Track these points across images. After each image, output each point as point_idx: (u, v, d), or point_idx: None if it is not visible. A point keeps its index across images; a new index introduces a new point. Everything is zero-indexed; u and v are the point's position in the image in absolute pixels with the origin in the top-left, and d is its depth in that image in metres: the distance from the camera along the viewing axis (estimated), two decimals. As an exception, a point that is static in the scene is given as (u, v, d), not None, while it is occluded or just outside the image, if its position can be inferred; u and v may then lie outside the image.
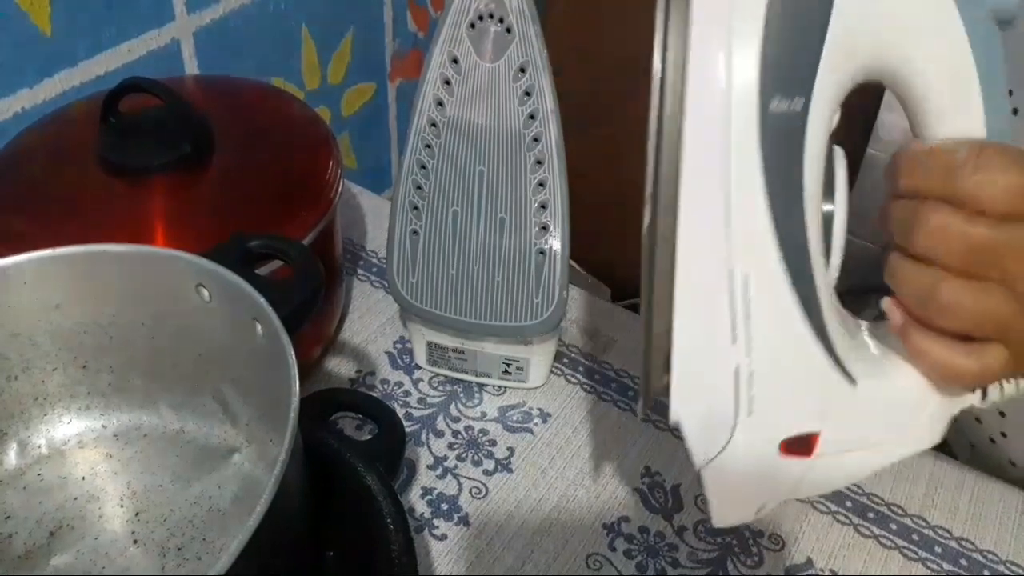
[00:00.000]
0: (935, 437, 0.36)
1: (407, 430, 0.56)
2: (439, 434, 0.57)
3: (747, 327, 0.32)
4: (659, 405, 0.59)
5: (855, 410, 0.35)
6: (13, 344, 0.43)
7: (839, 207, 0.33)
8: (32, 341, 0.43)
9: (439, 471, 0.55)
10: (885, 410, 0.35)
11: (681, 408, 0.34)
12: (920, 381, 0.35)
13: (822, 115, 0.30)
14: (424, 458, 0.56)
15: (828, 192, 0.32)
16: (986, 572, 0.51)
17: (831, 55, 0.29)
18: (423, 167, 0.52)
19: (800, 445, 0.34)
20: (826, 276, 0.33)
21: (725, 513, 0.38)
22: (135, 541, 0.43)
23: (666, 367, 0.34)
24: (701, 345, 0.33)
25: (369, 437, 0.52)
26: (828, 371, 0.33)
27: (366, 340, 0.63)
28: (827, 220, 0.33)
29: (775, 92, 0.29)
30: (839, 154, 0.33)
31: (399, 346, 0.63)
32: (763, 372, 0.33)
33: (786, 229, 0.30)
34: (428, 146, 0.51)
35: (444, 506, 0.53)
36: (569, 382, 0.61)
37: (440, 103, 0.50)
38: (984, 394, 0.35)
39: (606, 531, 0.52)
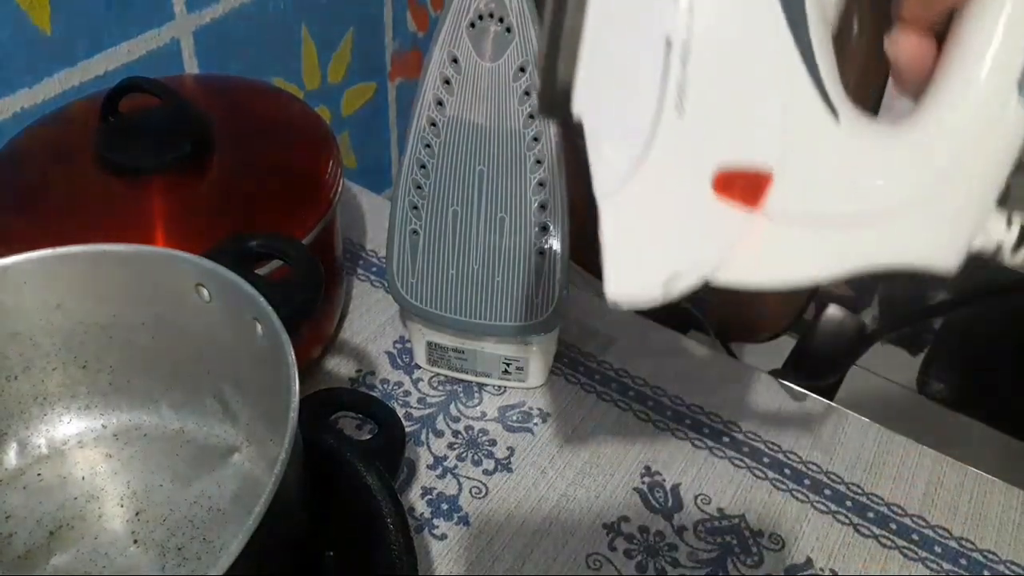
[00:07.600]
0: (945, 255, 0.26)
1: (407, 430, 0.55)
2: (439, 434, 0.57)
3: None
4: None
5: (831, 157, 0.24)
6: (13, 344, 0.43)
7: None
8: (32, 341, 0.43)
9: (439, 471, 0.55)
10: (874, 168, 0.25)
11: (588, 96, 0.24)
12: (938, 136, 0.25)
13: None
14: (424, 458, 0.56)
15: None
16: (986, 572, 0.51)
17: None
18: (423, 167, 0.52)
19: (743, 186, 0.24)
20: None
21: (623, 278, 0.27)
22: (135, 541, 0.43)
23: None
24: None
25: (369, 437, 0.52)
26: (801, 85, 0.23)
27: (366, 340, 0.63)
28: None
29: None
30: None
31: (399, 346, 0.63)
32: (706, 53, 0.23)
33: None
34: (428, 146, 0.51)
35: (444, 506, 0.53)
36: (569, 382, 0.61)
37: (440, 103, 0.50)
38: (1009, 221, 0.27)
39: (606, 531, 0.52)
